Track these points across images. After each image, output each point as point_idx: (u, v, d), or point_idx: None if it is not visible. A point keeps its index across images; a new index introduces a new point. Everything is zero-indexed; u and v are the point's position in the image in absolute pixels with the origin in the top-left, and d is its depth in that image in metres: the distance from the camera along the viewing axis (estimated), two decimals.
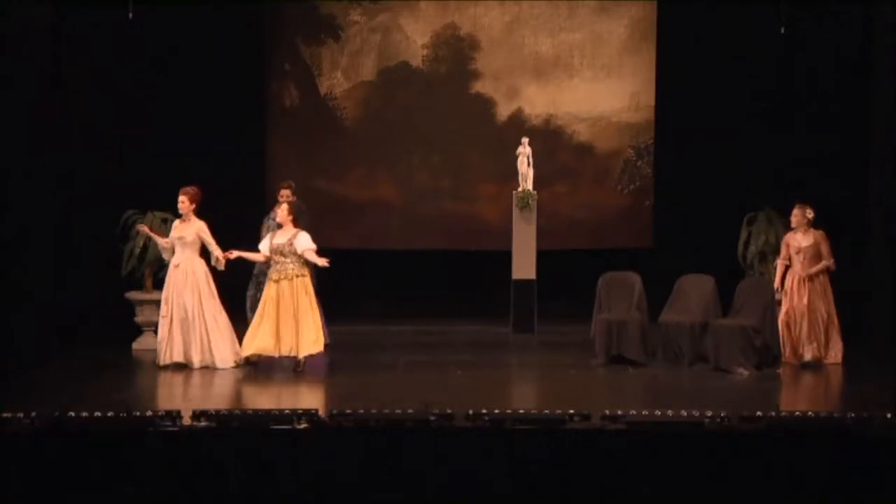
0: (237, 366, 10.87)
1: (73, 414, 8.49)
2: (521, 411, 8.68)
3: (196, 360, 10.85)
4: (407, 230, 14.53)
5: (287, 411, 8.50)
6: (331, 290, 14.03)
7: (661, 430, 8.36)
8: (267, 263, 11.06)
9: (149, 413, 8.50)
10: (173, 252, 11.08)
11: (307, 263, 10.94)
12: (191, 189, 11.10)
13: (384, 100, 14.51)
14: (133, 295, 12.18)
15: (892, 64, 12.00)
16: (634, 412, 8.71)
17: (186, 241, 11.00)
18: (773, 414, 8.65)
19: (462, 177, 14.57)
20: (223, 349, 10.92)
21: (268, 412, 8.61)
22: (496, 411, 8.53)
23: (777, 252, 12.12)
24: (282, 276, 10.81)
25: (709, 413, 8.53)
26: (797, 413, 8.68)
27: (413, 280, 14.08)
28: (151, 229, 11.54)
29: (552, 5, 14.39)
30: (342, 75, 14.47)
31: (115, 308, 12.22)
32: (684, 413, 8.67)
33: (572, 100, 14.43)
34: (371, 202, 14.51)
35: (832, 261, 11.31)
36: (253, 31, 14.17)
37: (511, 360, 12.04)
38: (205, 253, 11.11)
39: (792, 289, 11.29)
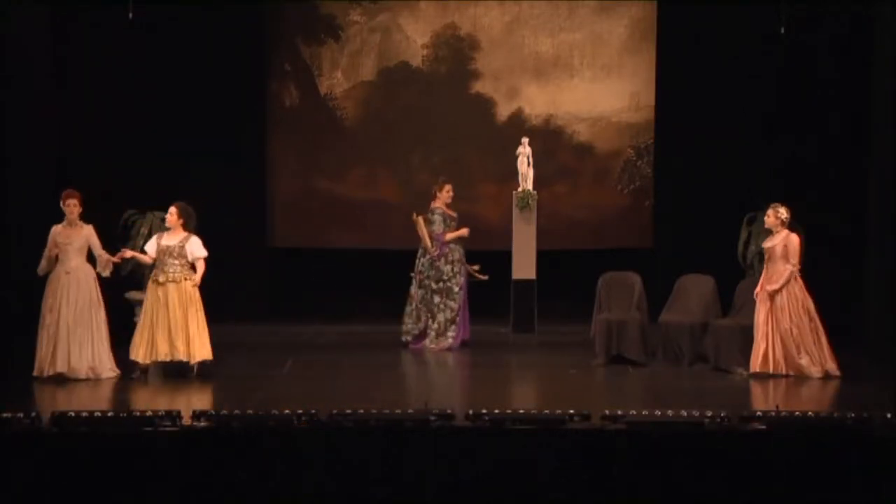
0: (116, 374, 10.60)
1: (73, 414, 8.50)
2: (521, 411, 8.68)
3: (84, 370, 10.45)
4: (407, 230, 14.50)
5: (287, 412, 8.50)
6: (331, 289, 14.11)
7: (661, 430, 8.36)
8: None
9: (149, 413, 8.50)
10: (54, 261, 10.53)
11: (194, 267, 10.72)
12: (78, 192, 10.62)
13: (384, 100, 14.51)
14: (133, 295, 12.16)
15: (893, 64, 12.00)
16: (634, 412, 8.70)
17: (77, 247, 10.55)
18: (773, 414, 8.65)
19: (462, 177, 14.53)
20: (109, 358, 10.61)
21: (267, 412, 8.60)
22: (496, 411, 8.52)
23: None
24: (169, 279, 10.61)
25: (709, 413, 8.53)
26: (797, 413, 8.68)
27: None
28: (151, 231, 11.52)
29: (552, 5, 14.39)
30: (342, 75, 14.47)
31: (115, 308, 12.20)
32: (684, 413, 8.67)
33: (572, 100, 14.42)
34: (371, 202, 14.50)
35: (796, 266, 10.63)
36: (253, 31, 14.16)
37: (511, 360, 12.03)
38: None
39: (759, 298, 10.76)
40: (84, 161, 13.04)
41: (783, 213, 10.82)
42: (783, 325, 10.66)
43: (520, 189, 13.03)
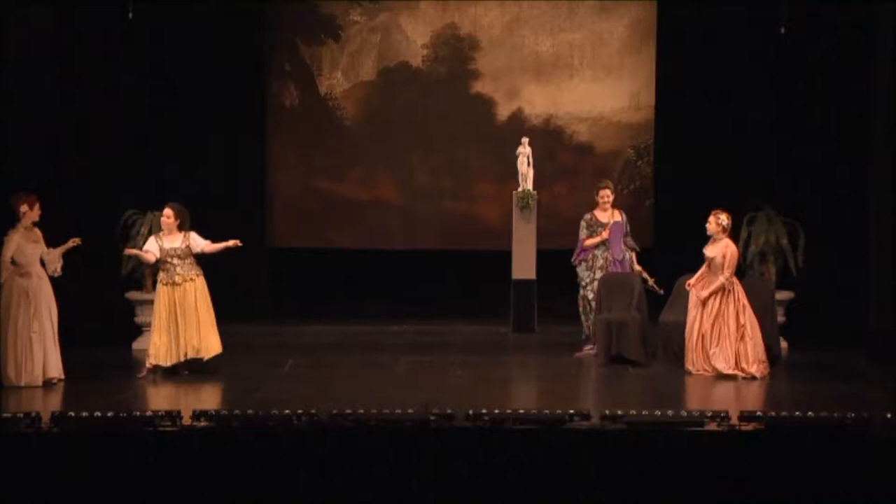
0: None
1: (73, 414, 8.50)
2: (521, 411, 8.68)
3: (58, 374, 10.41)
4: (407, 230, 14.53)
5: (287, 412, 8.51)
6: (331, 289, 14.12)
7: (661, 430, 8.36)
8: None
9: (149, 413, 8.51)
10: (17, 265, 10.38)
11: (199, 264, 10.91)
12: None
13: (384, 100, 14.50)
14: (133, 295, 12.19)
15: (893, 64, 12.00)
16: (634, 412, 8.71)
17: (40, 251, 10.46)
18: (773, 414, 8.66)
19: (462, 177, 14.56)
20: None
21: (267, 412, 8.61)
22: (496, 411, 8.53)
23: (776, 252, 12.18)
24: (185, 279, 10.75)
25: (709, 413, 8.54)
26: (797, 413, 8.68)
27: (413, 280, 14.08)
28: (151, 230, 11.55)
29: (552, 5, 14.38)
30: (342, 75, 14.47)
31: (115, 308, 12.22)
32: (684, 413, 8.68)
33: (572, 100, 14.42)
34: (371, 202, 14.51)
35: (729, 277, 10.75)
36: (253, 31, 14.17)
37: (511, 360, 12.03)
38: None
39: (691, 301, 10.93)
40: (84, 161, 13.04)
41: (724, 219, 10.97)
42: (705, 327, 10.77)
43: (520, 189, 13.03)
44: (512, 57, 14.42)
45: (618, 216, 12.02)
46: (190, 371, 10.74)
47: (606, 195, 11.99)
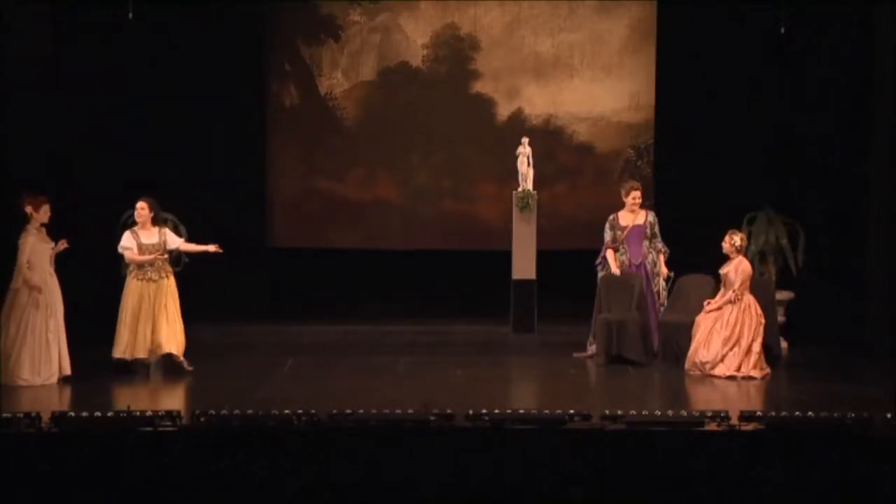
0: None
1: (73, 414, 8.50)
2: (521, 411, 8.68)
3: (69, 371, 10.43)
4: (407, 230, 14.53)
5: (287, 412, 8.50)
6: (331, 289, 14.12)
7: (661, 430, 8.35)
8: None
9: (149, 413, 8.50)
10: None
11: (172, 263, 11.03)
12: None
13: (384, 100, 14.51)
14: None
15: (893, 64, 12.00)
16: (634, 412, 8.71)
17: (50, 251, 10.50)
18: (773, 414, 8.66)
19: (462, 177, 14.57)
20: None
21: (267, 412, 8.61)
22: (496, 411, 8.52)
23: (776, 252, 12.17)
24: (161, 276, 10.81)
25: (709, 413, 8.54)
26: (797, 413, 8.68)
27: (413, 280, 14.08)
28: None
29: (552, 5, 14.39)
30: (342, 75, 14.48)
31: (115, 307, 12.20)
32: (684, 413, 8.67)
33: (572, 100, 14.43)
34: (371, 202, 14.51)
35: (736, 294, 10.77)
36: (253, 31, 14.18)
37: (511, 360, 12.03)
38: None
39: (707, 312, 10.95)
40: (84, 161, 13.04)
41: (738, 240, 11.05)
42: (717, 336, 10.76)
43: (520, 189, 13.02)
44: (512, 57, 14.43)
45: (642, 218, 11.92)
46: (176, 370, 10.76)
47: (637, 197, 11.88)
